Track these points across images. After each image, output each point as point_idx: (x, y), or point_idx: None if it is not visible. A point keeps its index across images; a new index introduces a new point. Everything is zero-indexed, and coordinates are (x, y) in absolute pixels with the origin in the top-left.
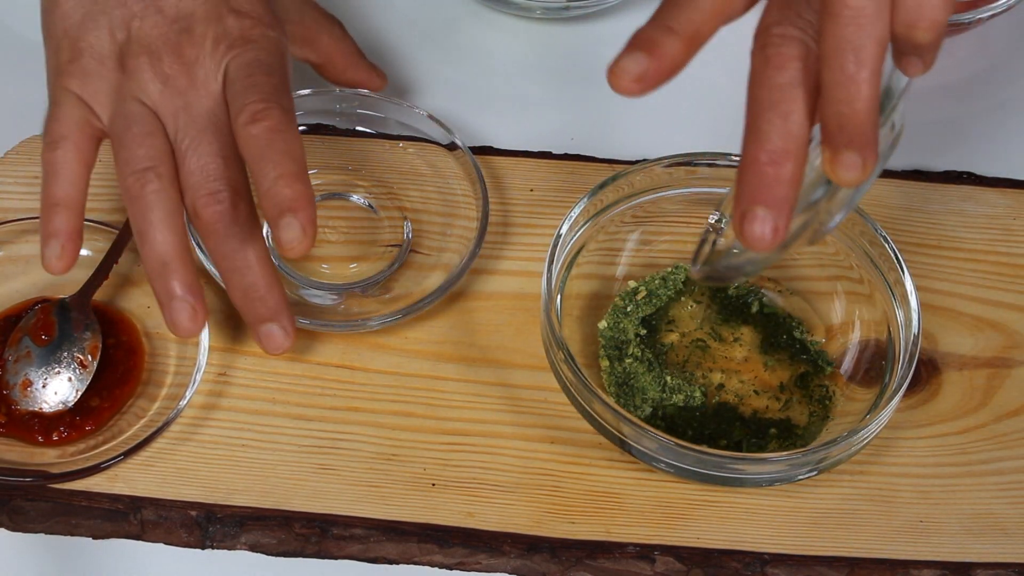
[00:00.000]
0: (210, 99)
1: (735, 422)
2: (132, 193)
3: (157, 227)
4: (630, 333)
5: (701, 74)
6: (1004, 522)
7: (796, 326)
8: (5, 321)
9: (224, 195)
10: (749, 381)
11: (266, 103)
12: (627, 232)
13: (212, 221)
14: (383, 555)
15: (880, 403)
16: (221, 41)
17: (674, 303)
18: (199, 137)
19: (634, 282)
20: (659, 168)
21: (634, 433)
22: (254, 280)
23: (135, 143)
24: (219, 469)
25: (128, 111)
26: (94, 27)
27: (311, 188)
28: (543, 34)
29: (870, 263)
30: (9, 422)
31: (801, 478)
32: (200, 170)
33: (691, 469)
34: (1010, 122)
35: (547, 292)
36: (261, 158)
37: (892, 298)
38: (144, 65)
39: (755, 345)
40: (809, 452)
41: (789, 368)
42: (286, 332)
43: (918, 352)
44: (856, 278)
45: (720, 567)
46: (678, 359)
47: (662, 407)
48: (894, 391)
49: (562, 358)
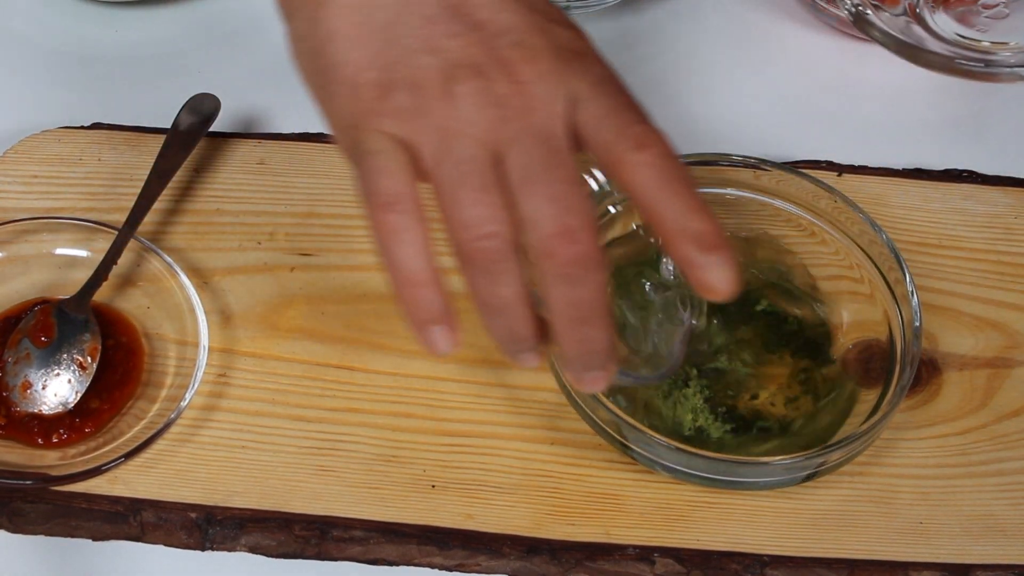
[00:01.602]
0: (555, 121)
1: (735, 417)
2: (475, 259)
3: (514, 303)
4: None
5: (700, 75)
6: (1004, 523)
7: (797, 324)
8: (5, 323)
9: (584, 235)
10: (752, 381)
11: (645, 126)
12: (629, 232)
13: (570, 260)
14: (383, 557)
15: (881, 405)
16: (559, 55)
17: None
18: (547, 167)
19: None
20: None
21: (636, 437)
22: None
23: (471, 202)
24: (219, 471)
25: (459, 156)
26: (402, 54)
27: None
28: None
29: (870, 263)
30: (9, 424)
31: (801, 481)
32: (552, 203)
33: (691, 472)
34: (1011, 121)
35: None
36: (661, 189)
37: (893, 298)
38: (474, 90)
39: (756, 343)
40: (811, 456)
41: (790, 366)
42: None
43: (919, 354)
44: (856, 277)
45: (720, 569)
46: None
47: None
48: (895, 393)
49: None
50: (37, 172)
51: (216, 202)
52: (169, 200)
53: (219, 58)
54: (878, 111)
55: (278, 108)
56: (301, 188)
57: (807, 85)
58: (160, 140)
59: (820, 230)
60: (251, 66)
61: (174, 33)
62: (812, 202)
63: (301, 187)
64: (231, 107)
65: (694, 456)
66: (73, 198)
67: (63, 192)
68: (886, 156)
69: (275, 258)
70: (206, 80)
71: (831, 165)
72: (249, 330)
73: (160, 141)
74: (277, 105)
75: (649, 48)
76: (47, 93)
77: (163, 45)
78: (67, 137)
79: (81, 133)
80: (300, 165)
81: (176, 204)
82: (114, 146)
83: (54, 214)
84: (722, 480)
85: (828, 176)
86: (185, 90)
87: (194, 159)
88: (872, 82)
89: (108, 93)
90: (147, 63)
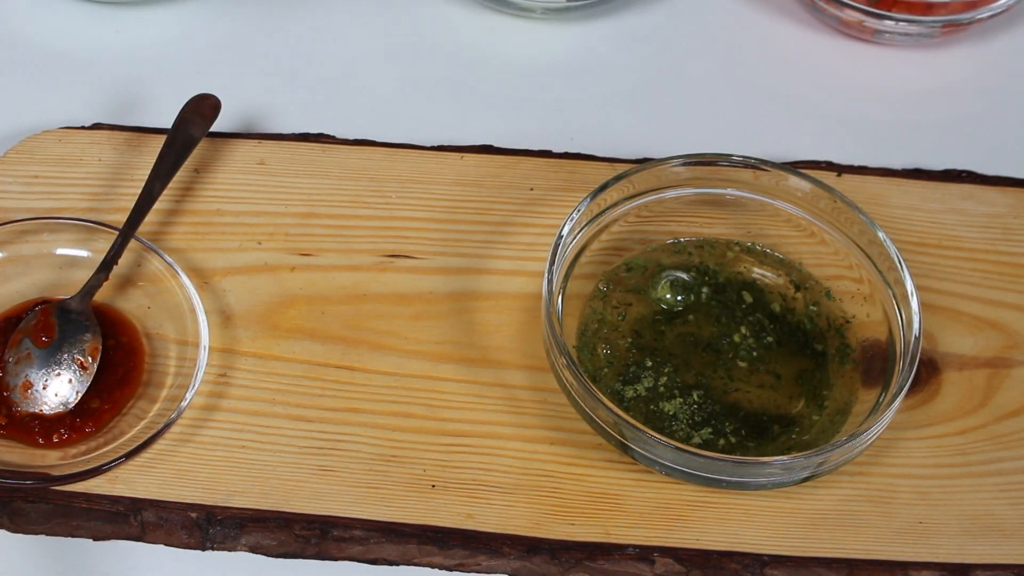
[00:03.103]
0: None
1: (736, 417)
2: None
3: None
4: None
5: (700, 75)
6: (1003, 523)
7: (797, 324)
8: (6, 323)
9: None
10: (751, 377)
11: None
12: (630, 232)
13: None
14: (383, 556)
15: (881, 405)
16: None
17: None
18: None
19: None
20: (662, 168)
21: (635, 437)
22: None
23: None
24: (219, 471)
25: None
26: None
27: None
28: (543, 34)
29: (870, 263)
30: (10, 424)
31: (801, 481)
32: None
33: (691, 472)
34: (1010, 121)
35: (548, 294)
36: None
37: (893, 298)
38: None
39: (757, 341)
40: (811, 455)
41: (791, 363)
42: None
43: (919, 353)
44: (856, 277)
45: (719, 568)
46: (677, 355)
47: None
48: (895, 394)
49: (564, 364)
50: (38, 172)
51: (216, 202)
52: (169, 200)
53: (219, 58)
54: (878, 111)
55: (278, 108)
56: (301, 188)
57: (807, 85)
58: (160, 140)
59: (820, 230)
60: (251, 66)
61: (174, 33)
62: (812, 202)
63: (301, 187)
64: (231, 107)
65: (693, 456)
66: (73, 198)
67: (63, 192)
68: (886, 156)
69: (275, 258)
70: (206, 80)
71: (831, 165)
72: (249, 330)
73: (160, 141)
74: (277, 105)
75: (649, 48)
76: (47, 93)
77: (163, 45)
78: (67, 137)
79: (81, 133)
80: (300, 165)
81: (176, 204)
82: (114, 146)
83: (54, 214)
84: (722, 480)
85: (828, 176)
86: (185, 90)
87: (194, 159)
88: (872, 82)
89: (108, 93)
90: (147, 63)
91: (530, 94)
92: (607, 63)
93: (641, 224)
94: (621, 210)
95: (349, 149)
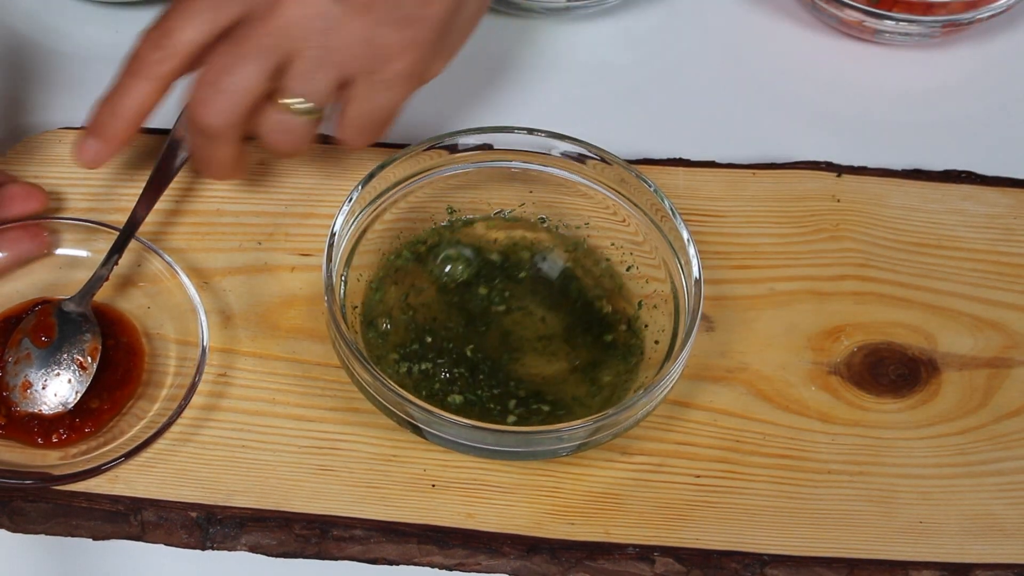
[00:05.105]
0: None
1: (524, 388)
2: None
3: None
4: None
5: (700, 75)
6: (1004, 523)
7: (583, 290)
8: (5, 322)
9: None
10: (536, 348)
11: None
12: (409, 212)
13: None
14: (383, 556)
15: (670, 356)
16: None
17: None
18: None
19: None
20: (421, 152)
21: (425, 418)
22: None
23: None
24: (219, 470)
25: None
26: None
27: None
28: (543, 34)
29: (648, 220)
30: (9, 424)
31: (583, 448)
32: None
33: (488, 448)
34: (1010, 121)
35: (328, 284)
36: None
37: (670, 247)
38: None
39: (540, 313)
40: (599, 419)
41: (574, 332)
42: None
43: (702, 300)
44: (640, 241)
45: (720, 568)
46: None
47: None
48: (680, 346)
49: (349, 353)
50: (38, 172)
51: (216, 202)
52: (169, 200)
53: None
54: (878, 111)
55: None
56: (301, 188)
57: (807, 85)
58: (160, 140)
59: (603, 197)
60: None
61: None
62: (595, 171)
63: (301, 187)
64: None
65: (461, 427)
66: (73, 198)
67: (63, 192)
68: (886, 156)
69: (275, 258)
70: None
71: (831, 165)
72: (249, 330)
73: (160, 141)
74: None
75: (649, 48)
76: (47, 93)
77: None
78: (67, 137)
79: (81, 133)
80: (300, 165)
81: (176, 204)
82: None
83: (54, 214)
84: (499, 451)
85: (828, 176)
86: (185, 90)
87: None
88: (872, 82)
89: None
90: None
91: (530, 94)
92: (607, 63)
93: (423, 202)
94: (401, 191)
95: (349, 149)
